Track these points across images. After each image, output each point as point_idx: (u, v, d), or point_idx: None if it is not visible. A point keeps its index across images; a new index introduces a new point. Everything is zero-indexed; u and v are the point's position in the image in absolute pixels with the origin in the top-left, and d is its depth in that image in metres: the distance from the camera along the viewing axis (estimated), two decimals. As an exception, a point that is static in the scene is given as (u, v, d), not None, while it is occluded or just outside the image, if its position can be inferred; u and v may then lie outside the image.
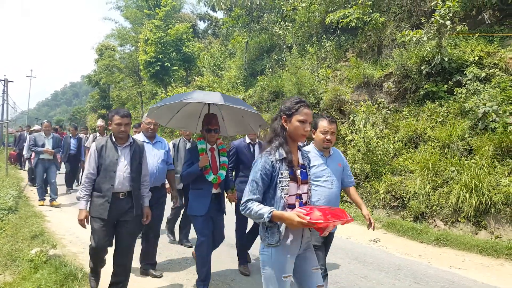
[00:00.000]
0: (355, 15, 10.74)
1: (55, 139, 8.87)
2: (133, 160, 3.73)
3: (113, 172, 3.59)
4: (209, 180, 3.87)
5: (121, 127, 3.61)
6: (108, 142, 3.68)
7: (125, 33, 26.31)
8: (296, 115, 2.34)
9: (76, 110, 53.61)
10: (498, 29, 8.70)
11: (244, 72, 14.64)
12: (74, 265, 4.50)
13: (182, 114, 4.30)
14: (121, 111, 3.67)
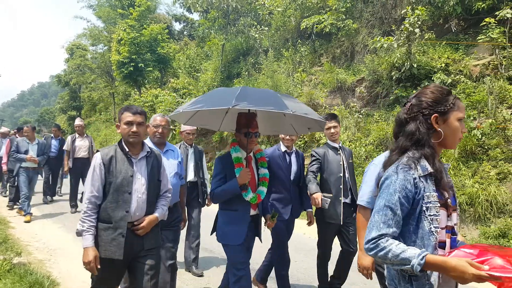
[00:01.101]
0: (329, 21, 11.05)
1: (41, 146, 7.94)
2: (151, 176, 2.84)
3: (127, 194, 2.68)
4: (247, 199, 3.07)
5: (133, 127, 2.70)
6: (118, 152, 2.75)
7: (98, 33, 25.81)
8: (454, 111, 1.68)
9: (44, 111, 51.89)
10: (463, 38, 9.18)
11: (220, 74, 14.71)
12: (40, 273, 4.36)
13: (205, 110, 3.25)
14: (133, 107, 2.83)
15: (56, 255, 5.44)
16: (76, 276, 4.57)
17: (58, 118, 38.74)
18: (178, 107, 3.38)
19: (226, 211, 3.18)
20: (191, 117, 3.46)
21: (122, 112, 2.81)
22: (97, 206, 2.69)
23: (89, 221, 2.66)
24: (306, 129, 3.63)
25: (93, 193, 2.67)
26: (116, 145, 2.82)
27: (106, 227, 2.67)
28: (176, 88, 16.35)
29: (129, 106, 2.85)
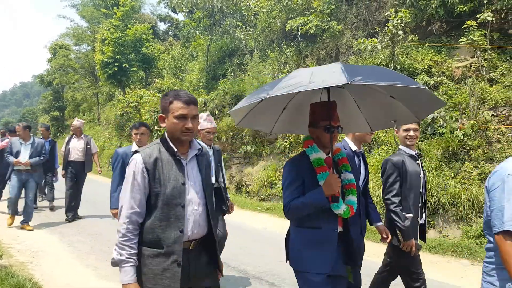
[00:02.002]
0: (314, 22, 11.07)
1: (36, 146, 7.05)
2: (206, 181, 2.27)
3: (180, 208, 2.06)
4: (338, 212, 2.33)
5: (187, 122, 2.07)
6: (163, 153, 2.12)
7: (81, 32, 25.46)
8: None
9: (27, 111, 50.87)
10: (445, 40, 9.29)
11: (205, 75, 14.63)
12: (22, 275, 4.30)
13: (258, 107, 2.52)
14: (183, 93, 2.12)
15: (39, 257, 5.39)
16: (60, 278, 4.53)
17: (41, 119, 38.01)
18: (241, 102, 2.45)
19: (305, 230, 2.41)
20: (246, 115, 2.62)
21: (170, 101, 2.10)
22: (139, 226, 2.05)
23: (130, 248, 2.00)
24: (388, 122, 2.88)
25: (133, 209, 2.02)
26: (159, 143, 2.16)
27: (154, 253, 2.03)
28: (161, 88, 16.20)
29: (177, 93, 2.13)
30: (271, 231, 7.10)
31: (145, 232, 2.05)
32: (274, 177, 9.68)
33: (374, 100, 2.63)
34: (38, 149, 7.07)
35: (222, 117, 12.01)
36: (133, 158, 2.11)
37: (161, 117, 2.17)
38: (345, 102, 2.68)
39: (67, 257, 5.43)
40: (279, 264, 5.09)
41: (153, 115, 14.46)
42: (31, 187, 7.02)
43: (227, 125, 11.44)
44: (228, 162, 11.71)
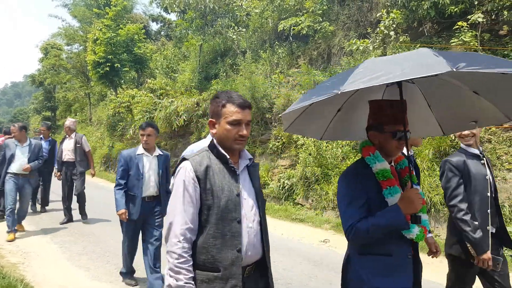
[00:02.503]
0: (306, 23, 11.09)
1: (33, 148, 6.52)
2: (259, 194, 2.02)
3: (236, 223, 1.82)
4: (409, 236, 1.93)
5: (241, 128, 1.86)
6: (213, 161, 1.88)
7: (73, 32, 25.23)
8: None
9: (18, 111, 50.46)
10: (436, 41, 9.35)
11: (198, 75, 14.58)
12: (13, 276, 4.29)
13: (309, 109, 2.15)
14: (236, 95, 1.89)
15: (30, 258, 5.36)
16: (51, 279, 4.52)
17: (32, 119, 37.75)
18: None
19: (372, 257, 1.97)
20: (295, 119, 2.27)
21: (223, 105, 1.87)
22: (191, 244, 1.79)
23: (187, 271, 1.72)
24: (466, 123, 2.36)
25: (187, 225, 1.76)
26: (207, 151, 1.92)
27: (210, 277, 1.76)
28: (153, 88, 16.11)
29: (230, 95, 1.90)
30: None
31: (197, 253, 1.78)
32: (266, 177, 9.67)
33: (449, 97, 2.23)
34: (35, 151, 6.52)
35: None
36: (181, 166, 1.86)
37: (211, 122, 1.93)
38: (412, 100, 2.19)
39: (59, 258, 5.39)
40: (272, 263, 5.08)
41: (145, 115, 14.38)
42: (28, 193, 6.54)
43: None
44: (220, 163, 11.69)
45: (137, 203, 4.22)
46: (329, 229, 7.15)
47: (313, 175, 8.55)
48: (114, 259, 5.35)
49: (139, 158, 4.26)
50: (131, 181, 4.23)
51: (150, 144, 4.28)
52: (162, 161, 4.40)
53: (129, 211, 4.21)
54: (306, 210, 8.38)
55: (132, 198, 4.24)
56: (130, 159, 4.24)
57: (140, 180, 4.21)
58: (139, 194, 4.20)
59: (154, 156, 4.35)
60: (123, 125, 17.43)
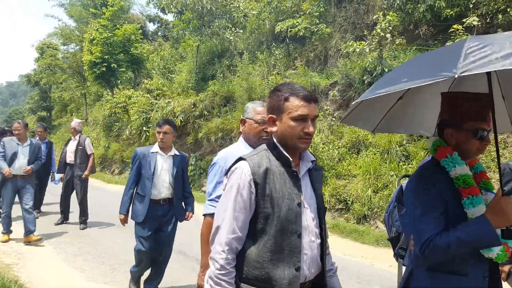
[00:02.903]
0: (303, 25, 11.13)
1: (33, 148, 6.19)
2: (321, 203, 1.78)
3: (296, 237, 1.59)
4: (489, 256, 1.66)
5: (307, 125, 1.61)
6: (273, 162, 1.63)
7: (69, 32, 25.16)
8: None
9: (13, 111, 50.11)
10: (432, 43, 9.42)
11: (195, 76, 14.58)
12: (7, 277, 4.26)
13: (370, 100, 1.86)
14: (300, 87, 1.64)
15: (25, 259, 5.33)
16: (46, 281, 4.50)
17: (28, 119, 37.52)
18: None
19: (443, 275, 1.70)
20: (353, 110, 2.10)
21: (286, 98, 1.62)
22: (235, 253, 1.59)
23: (228, 284, 1.54)
24: None
25: (235, 234, 1.56)
26: (266, 150, 1.67)
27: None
28: (150, 89, 16.08)
29: (293, 87, 1.65)
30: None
31: (249, 266, 1.57)
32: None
33: None
34: (36, 152, 6.21)
35: (211, 118, 11.98)
36: (237, 166, 1.63)
37: (271, 118, 1.68)
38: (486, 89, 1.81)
39: (54, 259, 5.37)
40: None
41: (142, 116, 14.36)
42: (29, 193, 6.05)
43: (216, 126, 11.42)
44: (217, 164, 11.68)
45: (145, 204, 3.93)
46: (325, 230, 7.16)
47: (309, 177, 8.55)
48: (109, 260, 5.34)
49: (153, 156, 3.98)
50: (142, 181, 3.97)
51: (166, 143, 3.99)
52: (178, 162, 4.10)
53: (136, 212, 3.95)
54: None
55: (141, 199, 3.97)
56: (143, 156, 3.98)
57: (151, 180, 3.92)
58: (149, 195, 3.93)
59: (169, 155, 4.06)
60: (119, 126, 17.37)
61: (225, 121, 11.35)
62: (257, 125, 2.33)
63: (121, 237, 6.57)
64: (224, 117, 11.61)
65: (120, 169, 16.76)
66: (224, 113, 11.89)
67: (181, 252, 5.61)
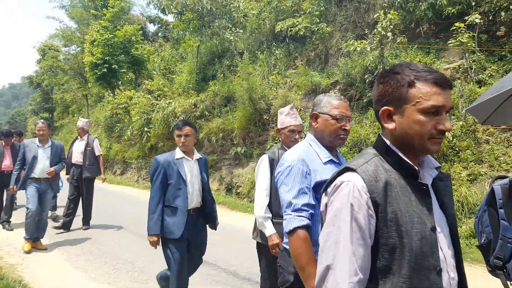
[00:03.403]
0: (303, 24, 11.08)
1: (56, 149, 5.94)
2: (454, 225, 1.35)
3: (435, 275, 1.17)
4: None
5: (442, 119, 1.20)
6: (391, 173, 1.22)
7: (70, 34, 25.26)
8: None
9: (16, 113, 50.43)
10: (434, 42, 9.35)
11: (195, 76, 14.56)
12: (12, 277, 4.29)
13: None
14: (427, 69, 1.26)
15: (29, 259, 5.35)
16: (50, 281, 4.52)
17: (30, 120, 37.76)
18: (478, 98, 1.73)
19: None
20: (491, 113, 1.98)
21: (410, 83, 1.22)
22: None
23: None
24: None
25: (357, 276, 1.13)
26: (376, 155, 1.27)
27: None
28: (150, 90, 16.09)
29: (418, 68, 1.26)
30: (261, 234, 7.06)
31: None
32: (264, 179, 9.65)
33: None
34: (58, 153, 5.95)
35: (212, 119, 11.96)
36: (343, 179, 1.21)
37: (386, 111, 1.27)
38: None
39: (57, 259, 5.38)
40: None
41: (143, 117, 14.35)
42: (49, 199, 5.94)
43: (217, 126, 11.39)
44: (218, 164, 11.65)
45: (179, 217, 3.45)
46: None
47: (310, 176, 8.50)
48: (112, 261, 5.34)
49: (179, 163, 3.53)
50: (171, 192, 3.48)
51: (188, 146, 3.59)
52: (203, 165, 3.76)
53: (169, 228, 3.41)
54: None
55: (173, 211, 3.47)
56: (168, 165, 3.50)
57: (184, 189, 3.48)
58: (183, 206, 3.46)
59: (195, 160, 3.67)
60: (120, 126, 17.39)
61: (225, 121, 11.32)
62: (335, 122, 2.02)
63: (123, 238, 6.58)
64: (224, 117, 11.58)
65: (122, 170, 16.77)
66: (225, 113, 11.85)
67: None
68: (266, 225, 2.84)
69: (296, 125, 3.09)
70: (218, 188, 11.24)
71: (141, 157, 15.15)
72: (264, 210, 2.89)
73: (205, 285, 4.45)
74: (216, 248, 5.84)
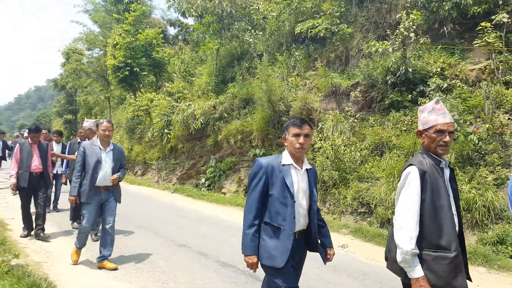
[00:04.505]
0: (323, 25, 10.98)
1: (117, 153, 5.21)
2: None
3: None
4: None
5: None
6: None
7: (93, 37, 25.78)
8: None
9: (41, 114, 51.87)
10: (458, 42, 9.12)
11: (215, 79, 14.62)
12: (38, 275, 4.38)
13: None
14: None
15: (53, 257, 5.47)
16: (73, 279, 4.62)
17: (54, 122, 38.81)
18: None
19: None
20: None
21: None
22: None
23: None
24: None
25: None
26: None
27: None
28: (171, 92, 16.24)
29: None
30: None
31: None
32: (283, 181, 9.58)
33: None
34: (119, 158, 5.24)
35: (231, 120, 11.97)
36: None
37: None
38: None
39: (81, 257, 5.45)
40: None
41: (163, 118, 14.50)
42: (113, 208, 5.12)
43: (236, 128, 11.40)
44: (236, 165, 11.65)
45: (283, 240, 2.69)
46: (347, 234, 7.01)
47: (330, 179, 8.41)
48: (133, 260, 5.41)
49: (286, 171, 2.75)
50: (274, 206, 2.72)
51: (304, 151, 2.79)
52: (313, 178, 2.92)
53: (268, 252, 2.69)
54: (323, 214, 8.25)
55: (276, 232, 2.72)
56: (272, 171, 2.75)
57: (290, 205, 2.70)
58: (289, 227, 2.68)
59: (304, 170, 2.85)
60: (141, 128, 17.64)
61: (244, 123, 11.32)
62: None
63: (144, 238, 6.64)
64: (243, 119, 11.58)
65: (143, 171, 17.00)
66: (244, 115, 11.85)
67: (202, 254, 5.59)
68: (414, 264, 2.25)
69: (446, 124, 2.43)
70: (236, 190, 11.23)
71: (161, 158, 15.31)
72: (414, 243, 2.26)
73: (225, 287, 4.43)
74: (235, 250, 5.82)
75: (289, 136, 2.77)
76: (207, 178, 12.45)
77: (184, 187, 12.87)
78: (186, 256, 5.57)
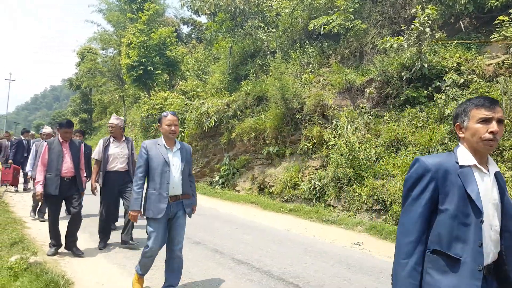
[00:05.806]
0: (337, 21, 10.91)
1: (185, 153, 4.03)
2: None
3: None
4: None
5: None
6: None
7: (108, 37, 26.10)
8: None
9: (56, 114, 52.66)
10: (475, 37, 8.96)
11: (228, 76, 14.67)
12: (55, 272, 4.46)
13: None
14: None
15: (70, 255, 5.53)
16: (90, 276, 4.67)
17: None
18: None
19: None
20: None
21: None
22: None
23: None
24: None
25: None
26: None
27: None
28: (184, 90, 16.37)
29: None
30: (295, 233, 7.02)
31: None
32: (297, 178, 9.58)
33: None
34: (188, 160, 4.09)
35: (244, 118, 12.00)
36: None
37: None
38: None
39: (96, 255, 5.53)
40: (303, 265, 5.04)
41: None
42: (182, 224, 4.00)
43: (249, 126, 11.41)
44: (250, 163, 11.68)
45: (466, 281, 1.79)
46: (362, 231, 6.98)
47: (345, 176, 8.38)
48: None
49: (467, 175, 1.87)
50: (446, 228, 1.87)
51: (494, 145, 1.94)
52: (503, 184, 2.04)
53: None
54: (338, 212, 8.22)
55: (453, 267, 1.83)
56: (445, 176, 1.89)
57: (476, 229, 1.86)
58: (473, 260, 1.79)
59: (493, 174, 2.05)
60: (156, 127, 17.81)
61: (258, 120, 11.33)
62: None
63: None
64: (257, 117, 11.59)
65: (157, 169, 17.14)
66: (257, 113, 11.87)
67: (217, 251, 5.63)
68: None
69: None
70: (250, 187, 11.27)
71: (175, 157, 15.41)
72: None
73: (240, 284, 4.46)
74: (250, 247, 5.85)
75: (471, 123, 1.90)
76: (221, 176, 12.52)
77: (199, 185, 12.97)
78: (201, 253, 5.62)
